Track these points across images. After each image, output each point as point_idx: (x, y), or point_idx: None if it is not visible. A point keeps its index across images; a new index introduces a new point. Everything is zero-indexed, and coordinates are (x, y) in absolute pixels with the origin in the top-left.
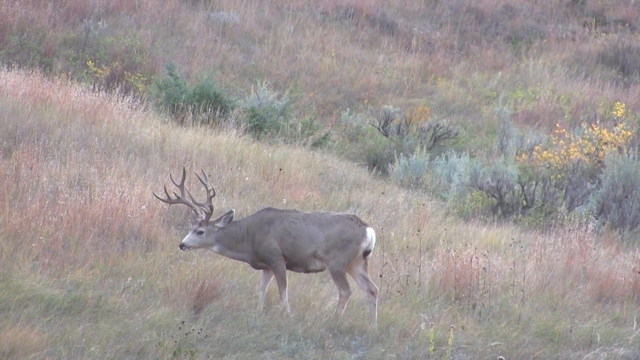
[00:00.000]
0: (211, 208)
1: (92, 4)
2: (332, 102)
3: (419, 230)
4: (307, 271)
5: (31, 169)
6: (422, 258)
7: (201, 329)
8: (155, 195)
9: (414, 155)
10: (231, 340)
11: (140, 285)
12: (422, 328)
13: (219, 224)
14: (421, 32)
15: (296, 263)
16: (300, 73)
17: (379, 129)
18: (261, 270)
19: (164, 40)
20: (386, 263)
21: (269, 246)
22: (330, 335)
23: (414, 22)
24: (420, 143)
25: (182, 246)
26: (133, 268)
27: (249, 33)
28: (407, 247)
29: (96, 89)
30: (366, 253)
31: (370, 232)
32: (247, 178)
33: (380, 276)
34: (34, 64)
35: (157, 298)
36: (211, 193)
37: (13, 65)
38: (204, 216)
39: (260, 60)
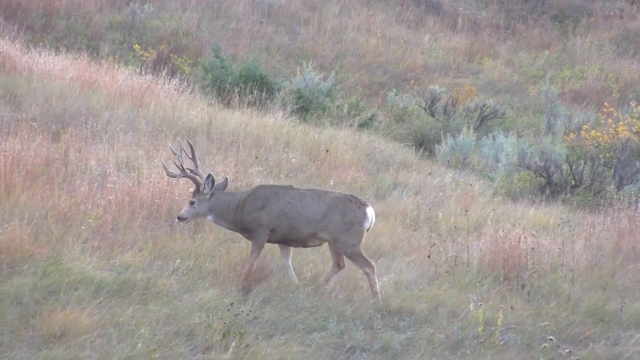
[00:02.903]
0: (201, 177)
1: None
2: (378, 82)
3: (466, 211)
4: (305, 246)
5: (79, 152)
6: (470, 238)
7: (250, 311)
8: (164, 166)
9: (461, 136)
10: (280, 321)
11: (189, 267)
12: (471, 308)
13: (206, 191)
14: (467, 11)
15: (293, 240)
16: (346, 54)
17: (425, 109)
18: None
19: (210, 22)
20: (434, 244)
21: (258, 219)
22: (379, 316)
23: (460, 1)
24: (467, 123)
25: (179, 218)
26: (181, 250)
27: (294, 15)
28: (455, 227)
29: (143, 72)
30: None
31: (371, 212)
32: (293, 159)
33: (429, 257)
34: (81, 47)
35: (205, 280)
36: (196, 162)
37: (61, 49)
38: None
39: (306, 42)
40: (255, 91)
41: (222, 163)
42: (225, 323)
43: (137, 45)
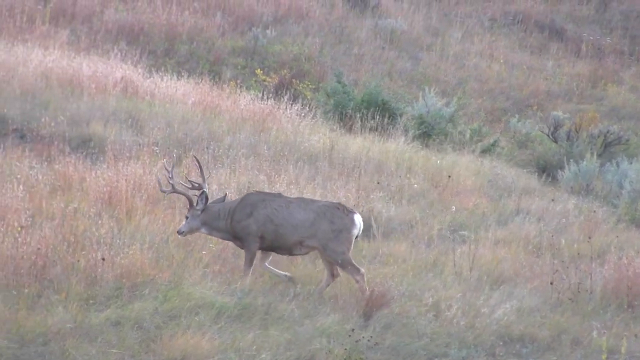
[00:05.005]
0: (194, 194)
1: (260, 12)
2: (501, 108)
3: (589, 237)
4: (291, 254)
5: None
6: (593, 265)
7: (371, 337)
8: (159, 183)
9: (584, 162)
10: (401, 347)
11: (310, 292)
12: (594, 336)
13: (198, 207)
14: (591, 37)
15: (279, 247)
16: (468, 80)
17: (548, 135)
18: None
19: (332, 47)
20: (557, 270)
21: (247, 227)
22: (501, 343)
23: (584, 27)
24: (590, 149)
25: (178, 232)
26: (303, 275)
27: (416, 40)
28: (578, 254)
29: (264, 97)
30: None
31: (358, 219)
32: (415, 185)
33: (551, 283)
34: (203, 72)
35: (326, 305)
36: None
37: (183, 74)
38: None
39: (428, 67)
40: (377, 116)
41: (343, 188)
42: (346, 349)
43: (259, 70)
